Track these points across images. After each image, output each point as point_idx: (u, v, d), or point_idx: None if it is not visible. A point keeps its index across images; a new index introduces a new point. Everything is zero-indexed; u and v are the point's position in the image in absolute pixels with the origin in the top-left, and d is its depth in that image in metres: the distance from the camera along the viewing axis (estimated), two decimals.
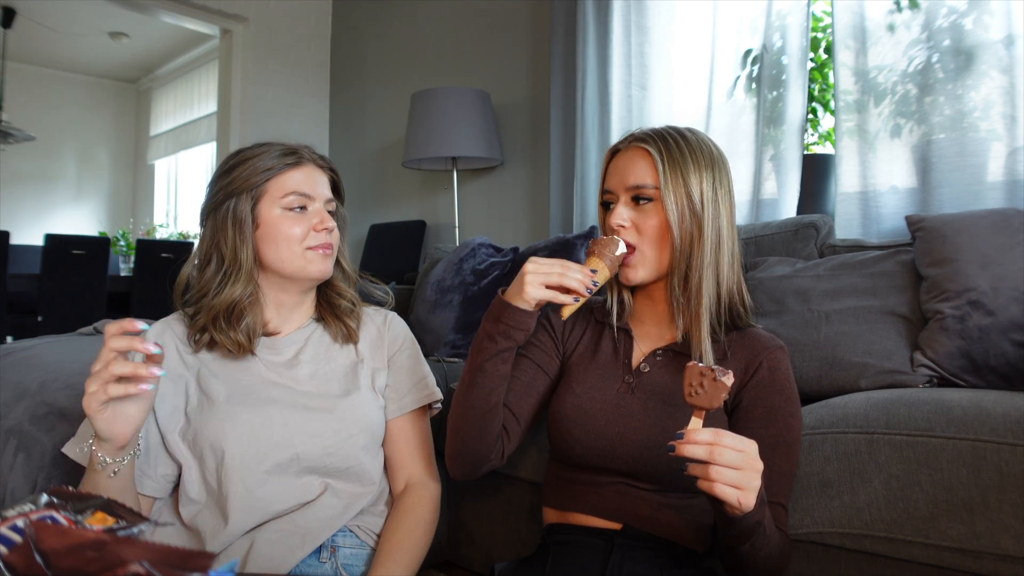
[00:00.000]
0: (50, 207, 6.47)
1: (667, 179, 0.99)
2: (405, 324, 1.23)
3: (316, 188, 1.08)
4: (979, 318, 1.28)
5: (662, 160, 1.00)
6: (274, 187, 1.05)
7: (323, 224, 1.07)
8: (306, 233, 1.05)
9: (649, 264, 1.01)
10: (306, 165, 1.09)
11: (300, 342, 1.12)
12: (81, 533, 0.39)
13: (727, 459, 0.75)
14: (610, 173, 1.06)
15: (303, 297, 1.13)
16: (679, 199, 0.99)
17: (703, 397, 0.77)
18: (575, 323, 1.13)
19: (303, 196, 1.06)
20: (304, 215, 1.06)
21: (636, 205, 1.01)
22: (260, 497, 0.99)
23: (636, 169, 1.01)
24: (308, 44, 3.82)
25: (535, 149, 2.84)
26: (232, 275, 1.04)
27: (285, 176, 1.06)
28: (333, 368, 1.11)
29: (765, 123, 2.07)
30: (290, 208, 1.06)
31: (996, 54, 1.64)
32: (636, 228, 1.01)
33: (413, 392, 1.15)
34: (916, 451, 0.96)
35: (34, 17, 5.21)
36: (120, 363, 0.83)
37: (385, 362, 1.16)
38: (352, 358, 1.14)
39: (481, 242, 2.26)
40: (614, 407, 1.01)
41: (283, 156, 1.07)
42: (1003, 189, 1.64)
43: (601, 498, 1.01)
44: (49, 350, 1.43)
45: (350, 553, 1.04)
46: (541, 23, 2.81)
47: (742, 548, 0.83)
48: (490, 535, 1.44)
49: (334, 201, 1.12)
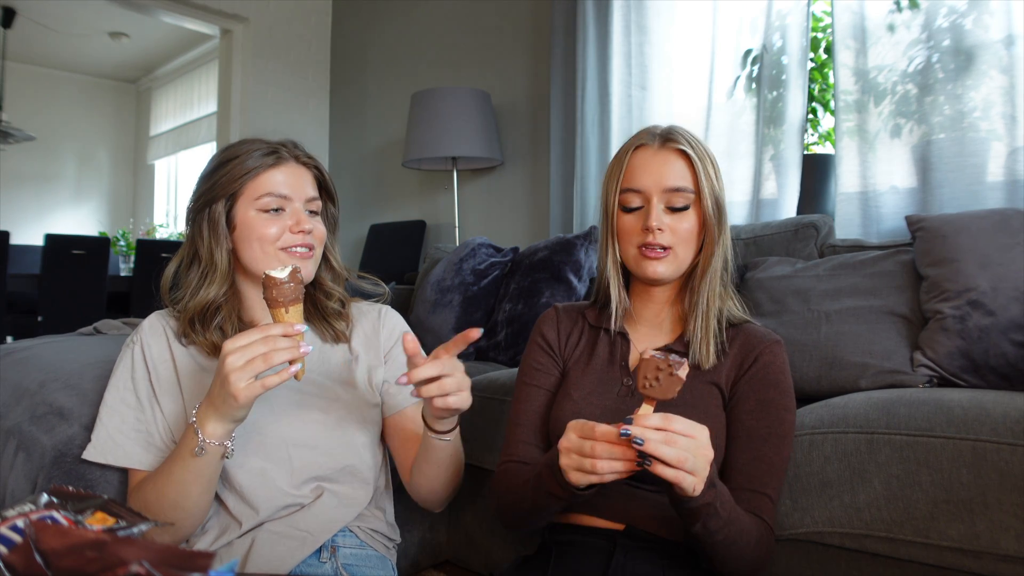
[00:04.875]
0: (50, 207, 6.47)
1: (704, 182, 1.00)
2: (400, 317, 1.21)
3: (295, 188, 1.05)
4: (979, 318, 1.28)
5: (700, 162, 1.01)
6: (251, 188, 1.03)
7: (299, 225, 1.03)
8: (281, 234, 1.03)
9: (680, 264, 1.02)
10: (286, 164, 1.06)
11: None
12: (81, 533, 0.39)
13: (678, 444, 0.75)
14: (638, 171, 1.02)
15: None
16: (712, 202, 1.01)
17: (657, 389, 0.76)
18: (570, 331, 1.12)
19: (279, 197, 1.03)
20: (280, 216, 1.04)
21: (671, 211, 1.01)
22: (257, 497, 0.99)
23: (674, 170, 1.01)
24: (308, 44, 3.82)
25: (535, 149, 2.84)
26: (208, 276, 1.03)
27: (263, 177, 1.04)
28: (326, 369, 1.10)
29: (765, 123, 2.07)
30: (265, 209, 1.03)
31: (996, 54, 1.64)
32: (671, 230, 1.01)
33: None
34: (916, 451, 0.96)
35: (34, 17, 5.21)
36: (279, 348, 0.84)
37: (381, 357, 1.14)
38: (345, 356, 1.12)
39: (481, 242, 2.27)
40: (614, 410, 1.01)
41: (263, 156, 1.04)
42: (1003, 189, 1.65)
43: (604, 499, 1.00)
44: (49, 350, 1.43)
45: (350, 553, 1.03)
46: (541, 23, 2.81)
47: (694, 528, 0.84)
48: (490, 535, 1.44)
49: (317, 200, 1.09)
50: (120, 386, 1.03)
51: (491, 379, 1.51)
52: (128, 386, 1.03)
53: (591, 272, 2.02)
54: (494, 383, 1.49)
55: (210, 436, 0.87)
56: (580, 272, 1.99)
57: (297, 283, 0.88)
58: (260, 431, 1.01)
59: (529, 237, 2.82)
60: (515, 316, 1.98)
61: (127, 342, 1.07)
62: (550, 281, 1.98)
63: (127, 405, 1.02)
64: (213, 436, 0.88)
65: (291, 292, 0.87)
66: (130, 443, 1.01)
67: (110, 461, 1.01)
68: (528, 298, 1.98)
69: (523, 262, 2.09)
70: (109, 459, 1.01)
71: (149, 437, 1.01)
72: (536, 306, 1.95)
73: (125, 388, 1.03)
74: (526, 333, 1.93)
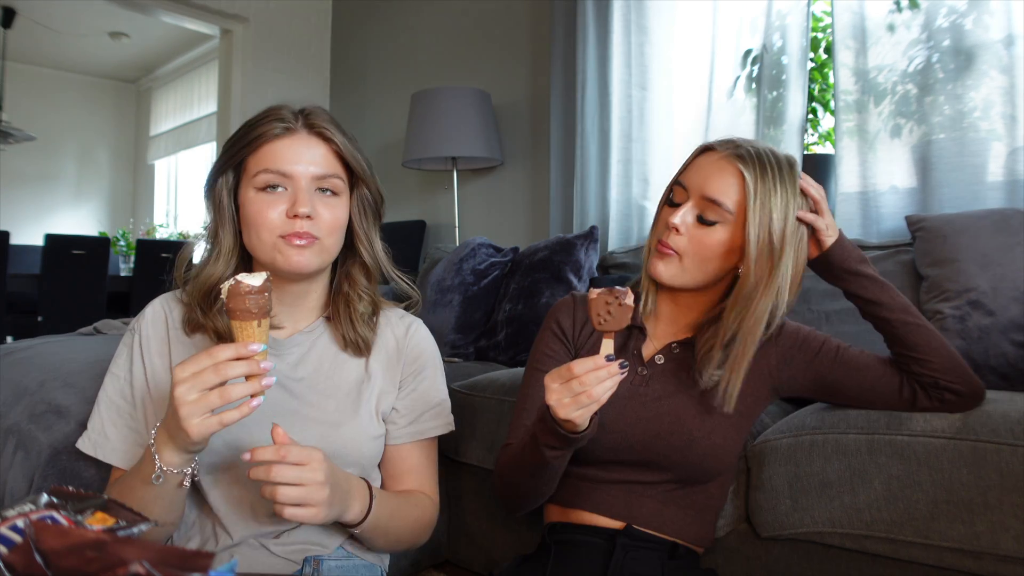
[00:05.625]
0: (50, 207, 6.47)
1: (755, 208, 0.92)
2: (429, 336, 1.07)
3: (298, 163, 0.90)
4: (979, 318, 1.28)
5: (760, 186, 0.93)
6: (252, 162, 0.91)
7: (294, 208, 0.89)
8: (281, 218, 0.90)
9: (684, 275, 0.98)
10: (294, 135, 0.92)
11: (305, 345, 0.99)
12: (81, 533, 0.39)
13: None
14: (693, 169, 0.99)
15: (308, 288, 0.99)
16: (760, 233, 0.92)
17: (612, 322, 0.78)
18: (585, 321, 1.09)
19: (278, 174, 0.90)
20: (282, 197, 0.90)
21: (699, 222, 0.96)
22: (235, 525, 0.94)
23: (721, 183, 0.94)
24: (308, 44, 3.82)
25: (535, 149, 2.84)
26: (215, 254, 0.94)
27: (264, 149, 0.91)
28: (335, 384, 0.99)
29: (765, 123, 2.07)
30: (262, 188, 0.90)
31: (996, 54, 1.64)
32: (690, 239, 0.96)
33: (425, 421, 1.03)
34: (916, 451, 0.96)
35: (34, 17, 5.21)
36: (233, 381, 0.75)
37: (396, 382, 1.02)
38: (359, 373, 1.00)
39: (481, 242, 2.27)
40: (627, 398, 1.01)
41: (269, 124, 0.91)
42: (1003, 189, 1.65)
43: (606, 496, 1.01)
44: (49, 350, 1.43)
45: (336, 565, 0.98)
46: (541, 23, 2.81)
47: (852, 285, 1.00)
48: (490, 535, 1.44)
49: (335, 178, 0.93)
50: (120, 376, 0.98)
51: (491, 379, 1.51)
52: (127, 378, 0.98)
53: (591, 272, 2.02)
54: (494, 383, 1.49)
55: (167, 464, 0.79)
56: (580, 272, 1.99)
57: (262, 294, 0.76)
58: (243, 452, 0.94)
59: (529, 237, 2.82)
60: (515, 316, 1.98)
61: (129, 329, 1.01)
62: (550, 281, 1.98)
63: (124, 399, 0.97)
64: (170, 465, 0.80)
65: (255, 304, 0.75)
66: (120, 439, 0.96)
67: (99, 455, 0.96)
68: (528, 298, 1.98)
69: (523, 262, 2.09)
70: (98, 453, 0.96)
71: (138, 437, 0.96)
72: (536, 306, 1.95)
73: (124, 380, 0.98)
74: (526, 333, 1.93)
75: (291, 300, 0.99)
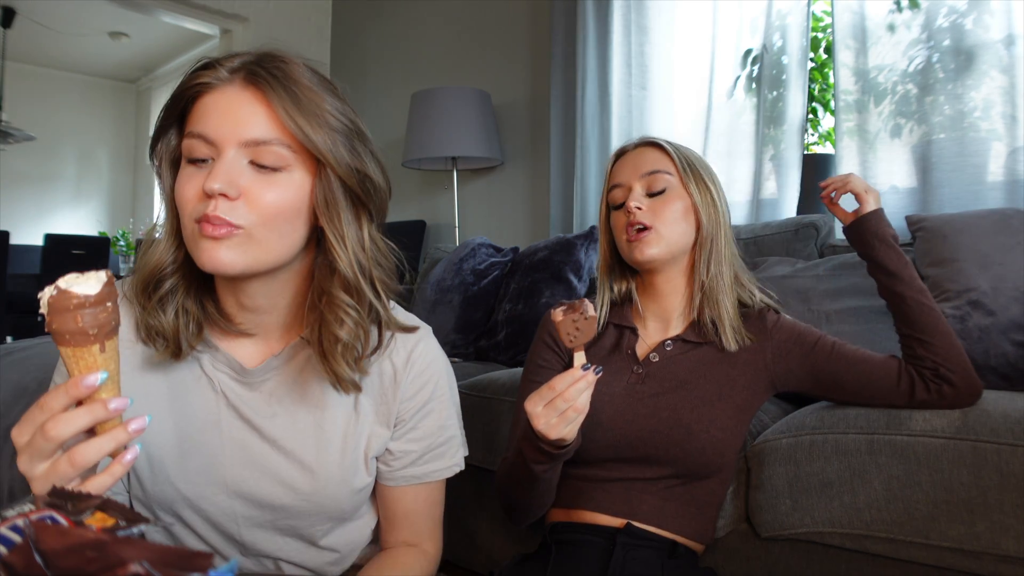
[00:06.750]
0: (50, 207, 6.47)
1: (686, 169, 1.05)
2: (439, 357, 0.85)
3: (224, 124, 0.67)
4: (979, 318, 1.28)
5: (677, 153, 1.06)
6: (188, 123, 0.71)
7: (207, 184, 0.65)
8: (198, 198, 0.68)
9: (669, 244, 1.04)
10: (227, 87, 0.68)
11: (281, 373, 0.79)
12: (81, 533, 0.39)
13: None
14: (618, 169, 1.09)
15: (271, 300, 0.76)
16: (701, 188, 1.05)
17: (582, 337, 0.81)
18: None
19: (200, 139, 0.68)
20: (206, 170, 0.68)
21: (650, 198, 1.04)
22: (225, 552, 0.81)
23: (649, 158, 1.06)
24: (308, 44, 3.82)
25: (535, 149, 2.84)
26: (158, 237, 0.74)
27: (197, 106, 0.70)
28: (315, 422, 0.79)
29: (765, 123, 2.07)
30: (189, 160, 0.69)
31: (996, 54, 1.64)
32: (652, 210, 1.03)
33: (424, 463, 0.84)
34: (916, 451, 0.96)
35: (34, 17, 5.21)
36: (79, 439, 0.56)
37: (391, 422, 0.82)
38: (347, 411, 0.80)
39: (481, 242, 2.27)
40: (624, 397, 1.03)
41: (209, 70, 0.69)
42: (1003, 189, 1.65)
43: (607, 494, 1.01)
44: (49, 350, 1.42)
45: None
46: (541, 23, 2.81)
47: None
48: (490, 535, 1.44)
49: (273, 147, 0.68)
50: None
51: (491, 379, 1.51)
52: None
53: (591, 272, 2.02)
54: (494, 383, 1.49)
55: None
56: (580, 272, 1.99)
57: (102, 305, 0.53)
58: (212, 481, 0.76)
59: (529, 237, 2.82)
60: (515, 316, 1.98)
61: None
62: (550, 281, 1.98)
63: None
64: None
65: (92, 322, 0.51)
66: None
67: None
68: (528, 298, 1.98)
69: (523, 262, 2.09)
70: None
71: None
72: (536, 306, 1.95)
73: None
74: (526, 333, 1.93)
75: (255, 315, 0.77)
